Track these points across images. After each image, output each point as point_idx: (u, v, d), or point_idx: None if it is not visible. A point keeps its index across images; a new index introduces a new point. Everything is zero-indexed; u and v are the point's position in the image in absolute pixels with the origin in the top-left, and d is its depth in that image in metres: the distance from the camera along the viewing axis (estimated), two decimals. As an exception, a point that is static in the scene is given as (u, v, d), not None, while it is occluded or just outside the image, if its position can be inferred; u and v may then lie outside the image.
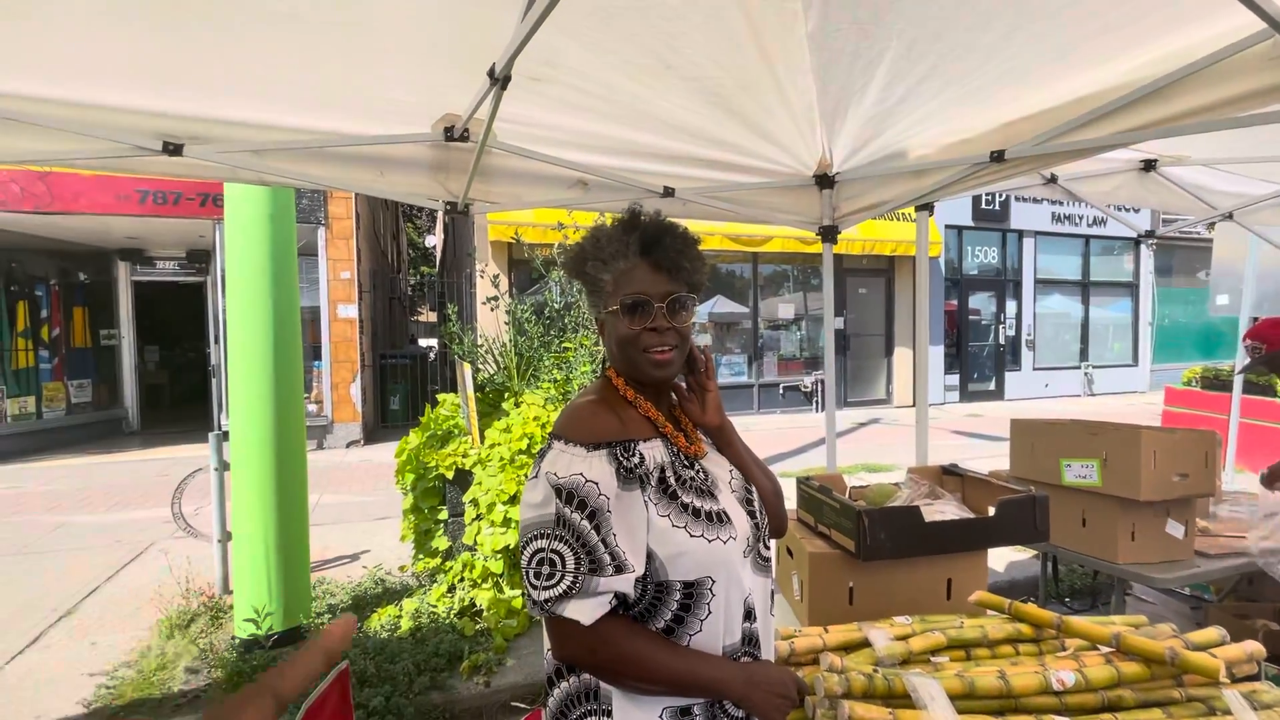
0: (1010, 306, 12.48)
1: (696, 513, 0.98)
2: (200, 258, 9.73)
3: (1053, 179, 2.75)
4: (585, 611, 0.89)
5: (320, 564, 4.15)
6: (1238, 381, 5.90)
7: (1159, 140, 2.54)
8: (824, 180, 2.56)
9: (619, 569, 0.91)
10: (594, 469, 0.94)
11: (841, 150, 2.42)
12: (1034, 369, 12.68)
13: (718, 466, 1.10)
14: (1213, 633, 1.50)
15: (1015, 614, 1.58)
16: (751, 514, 1.08)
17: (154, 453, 8.20)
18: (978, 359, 12.29)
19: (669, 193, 2.39)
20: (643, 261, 1.02)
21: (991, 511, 1.86)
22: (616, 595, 0.92)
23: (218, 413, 8.75)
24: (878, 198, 2.48)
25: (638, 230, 1.02)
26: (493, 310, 4.06)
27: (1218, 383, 6.82)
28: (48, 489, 6.45)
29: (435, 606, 3.24)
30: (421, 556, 3.61)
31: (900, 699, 1.30)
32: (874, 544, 1.71)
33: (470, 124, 1.93)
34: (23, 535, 4.95)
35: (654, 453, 1.01)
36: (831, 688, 1.29)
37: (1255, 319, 6.58)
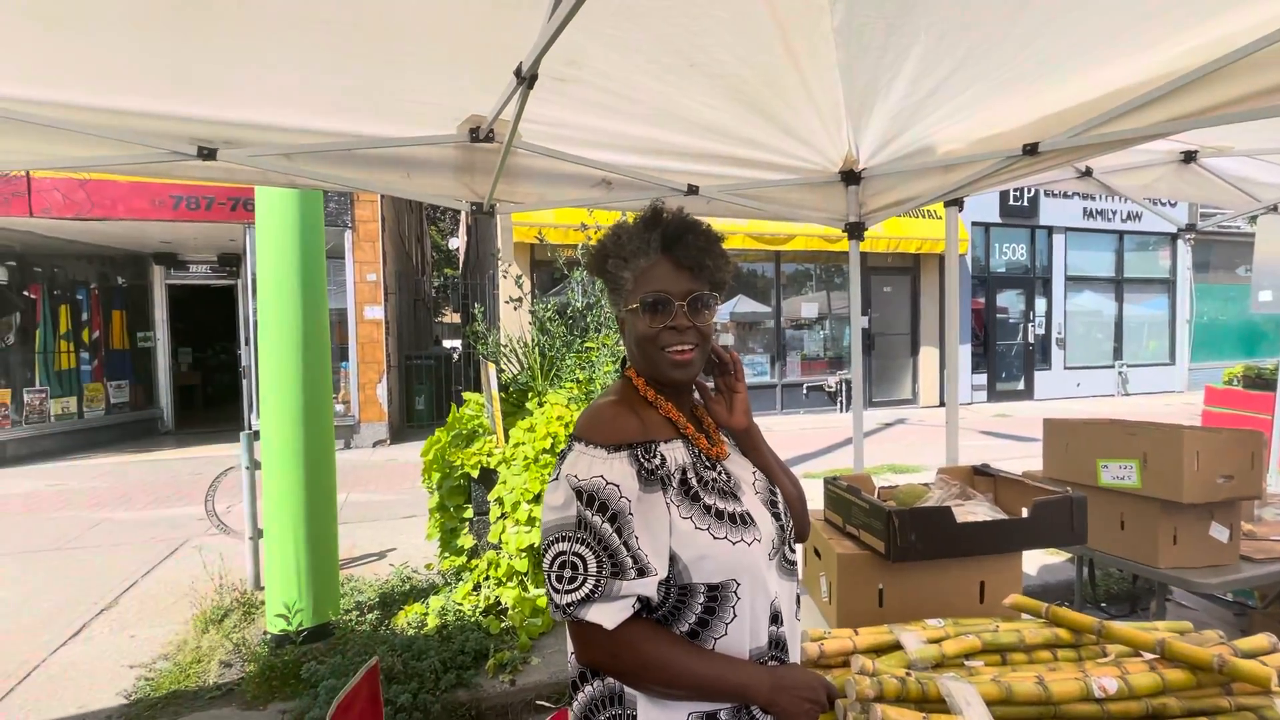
0: (1040, 304, 12.19)
1: (720, 514, 0.97)
2: (231, 261, 9.97)
3: (1088, 172, 2.68)
4: (608, 615, 0.88)
5: (348, 561, 4.21)
6: (1283, 380, 5.69)
7: (1200, 130, 2.46)
8: (850, 176, 2.53)
9: (641, 572, 0.90)
10: (615, 471, 0.93)
11: (868, 146, 2.39)
12: (1065, 368, 12.37)
13: (741, 468, 1.09)
14: (1262, 640, 1.44)
15: (1053, 618, 1.54)
16: (776, 515, 1.06)
17: (188, 452, 8.42)
18: (1005, 358, 12.04)
19: (693, 190, 2.38)
20: (664, 259, 1.00)
21: (1025, 512, 1.82)
22: (640, 599, 0.91)
23: (249, 413, 8.96)
24: (905, 193, 2.44)
25: (660, 227, 1.00)
26: (516, 310, 4.09)
27: (1260, 381, 6.59)
28: (88, 486, 6.66)
29: (461, 604, 3.27)
30: (447, 555, 3.64)
31: (934, 703, 1.27)
32: (904, 545, 1.68)
33: (495, 125, 1.94)
34: (65, 531, 5.11)
35: (675, 454, 0.99)
36: (863, 691, 1.27)
37: (1301, 315, 6.33)
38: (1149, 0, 1.44)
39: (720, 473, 1.03)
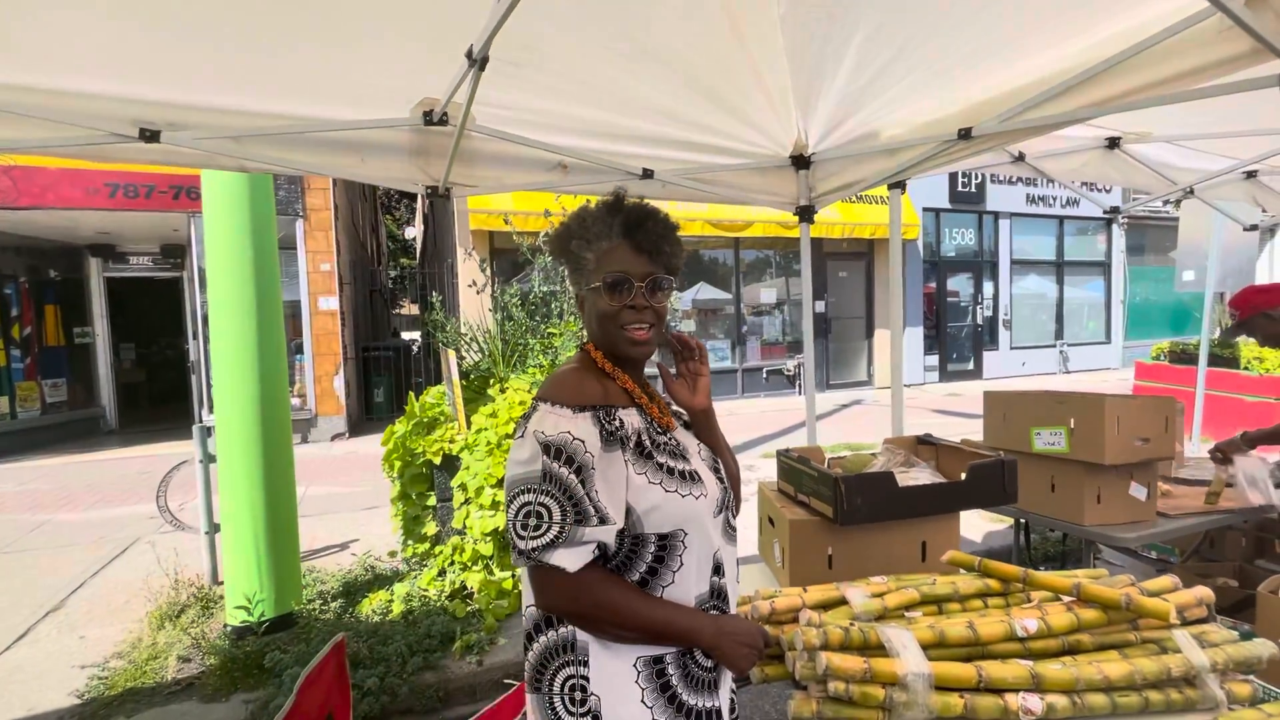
0: (987, 287, 12.68)
1: (670, 471, 1.05)
2: (175, 252, 9.56)
3: (1020, 157, 2.83)
4: (571, 559, 0.95)
5: (309, 554, 4.16)
6: (1203, 355, 6.11)
7: (1121, 116, 2.63)
8: (800, 161, 2.61)
9: (602, 520, 0.96)
10: (580, 428, 0.99)
11: (816, 131, 2.47)
12: (1011, 348, 12.92)
13: (687, 438, 1.18)
14: (1165, 580, 1.59)
15: (984, 570, 1.66)
16: (720, 480, 1.16)
17: (133, 451, 8.09)
18: (956, 339, 12.50)
19: (648, 174, 2.42)
20: (625, 242, 1.07)
21: (963, 477, 1.95)
22: (599, 546, 0.98)
23: (198, 408, 8.66)
24: (852, 177, 2.54)
25: (621, 212, 1.07)
26: (479, 294, 4.08)
27: (1184, 356, 7.04)
28: (25, 489, 6.36)
29: (426, 590, 3.28)
30: (411, 542, 3.64)
31: (875, 649, 1.37)
32: (851, 509, 1.78)
33: (449, 108, 1.94)
34: (3, 535, 4.89)
35: (631, 419, 1.07)
36: (810, 641, 1.35)
37: (1221, 294, 6.80)
38: (1064, -6, 1.55)
39: (670, 439, 1.12)
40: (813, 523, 1.89)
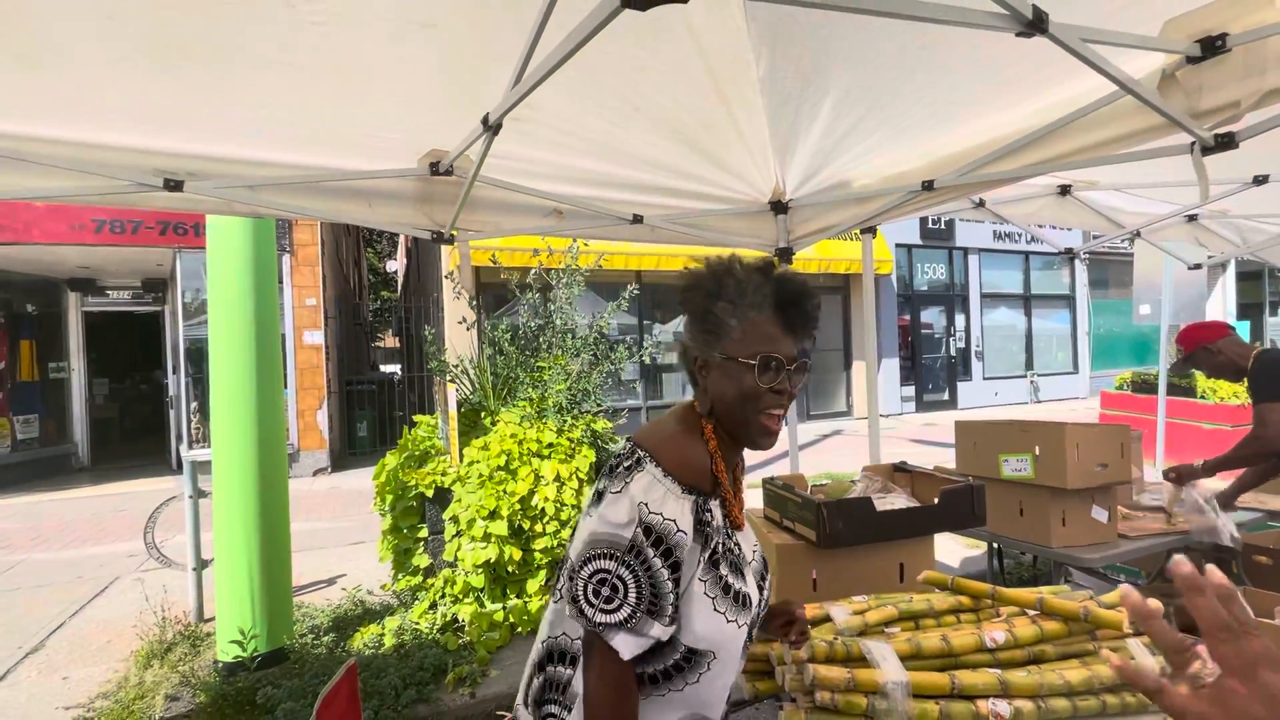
0: (959, 320, 13.09)
1: (727, 589, 0.98)
2: (157, 286, 9.52)
3: (981, 203, 3.06)
4: (629, 646, 0.90)
5: (296, 589, 4.12)
6: (1162, 384, 6.41)
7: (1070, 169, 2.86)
8: (778, 206, 2.80)
9: (671, 620, 0.92)
10: (685, 517, 0.92)
11: (793, 180, 2.67)
12: (984, 379, 13.29)
13: (746, 543, 1.12)
14: (1119, 595, 1.73)
15: (956, 588, 1.79)
16: (762, 592, 1.12)
17: (107, 488, 7.92)
18: (930, 370, 12.83)
19: (638, 219, 2.58)
20: (776, 317, 0.99)
21: (935, 501, 2.08)
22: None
23: (176, 444, 8.53)
24: (827, 221, 2.73)
25: (775, 281, 1.01)
26: (468, 330, 4.20)
27: (1146, 386, 7.35)
28: (-4, 528, 6.20)
29: (418, 623, 3.30)
30: (402, 575, 3.66)
31: (857, 661, 1.48)
32: (832, 533, 1.91)
33: (457, 161, 2.09)
34: (-26, 576, 4.77)
35: (716, 514, 1.00)
36: (797, 654, 1.46)
37: (1176, 326, 7.16)
38: (1007, 70, 1.75)
39: (735, 544, 1.05)
40: (798, 547, 2.00)
